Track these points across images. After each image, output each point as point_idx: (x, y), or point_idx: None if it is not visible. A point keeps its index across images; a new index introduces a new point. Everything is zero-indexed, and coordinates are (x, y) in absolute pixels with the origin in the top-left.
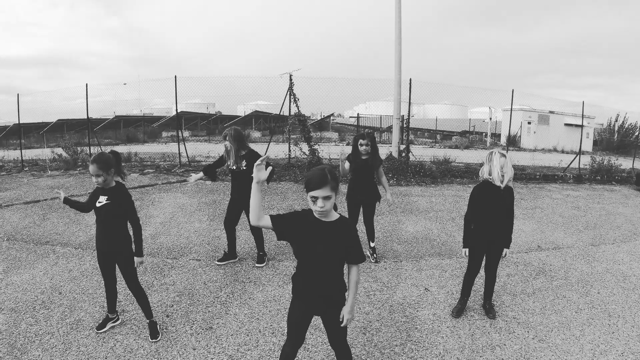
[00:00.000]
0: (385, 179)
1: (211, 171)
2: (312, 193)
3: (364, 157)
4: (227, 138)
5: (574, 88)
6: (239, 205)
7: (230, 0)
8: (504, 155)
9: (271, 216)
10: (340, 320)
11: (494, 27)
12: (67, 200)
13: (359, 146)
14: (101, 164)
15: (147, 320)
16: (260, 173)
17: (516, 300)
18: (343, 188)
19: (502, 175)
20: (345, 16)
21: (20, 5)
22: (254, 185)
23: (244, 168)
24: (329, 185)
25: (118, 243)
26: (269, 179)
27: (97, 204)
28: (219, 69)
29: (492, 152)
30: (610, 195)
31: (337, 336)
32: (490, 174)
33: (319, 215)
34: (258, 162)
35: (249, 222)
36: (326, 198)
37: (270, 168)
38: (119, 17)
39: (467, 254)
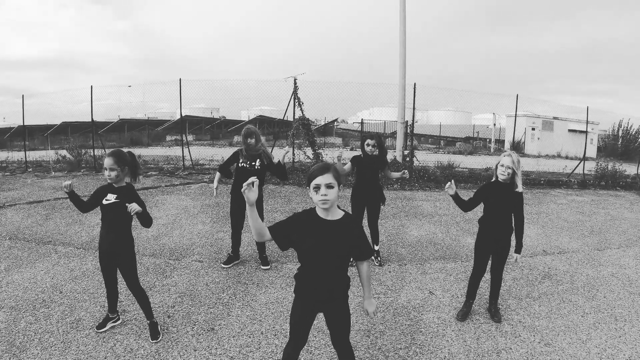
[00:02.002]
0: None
1: (226, 169)
2: (315, 181)
3: (370, 160)
4: (253, 136)
5: (580, 94)
6: (242, 204)
7: (234, 2)
8: (510, 156)
9: (269, 228)
10: (367, 313)
11: (501, 32)
12: (72, 194)
13: (366, 146)
14: (117, 157)
15: (148, 321)
16: (251, 194)
17: (522, 304)
18: (347, 192)
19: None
20: (347, 19)
21: (28, 6)
22: (248, 208)
23: (258, 167)
24: (330, 172)
25: (121, 243)
26: (283, 177)
27: (105, 202)
28: (223, 70)
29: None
30: (615, 201)
31: (340, 335)
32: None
33: (322, 205)
34: (247, 183)
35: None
36: (329, 186)
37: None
38: (127, 19)
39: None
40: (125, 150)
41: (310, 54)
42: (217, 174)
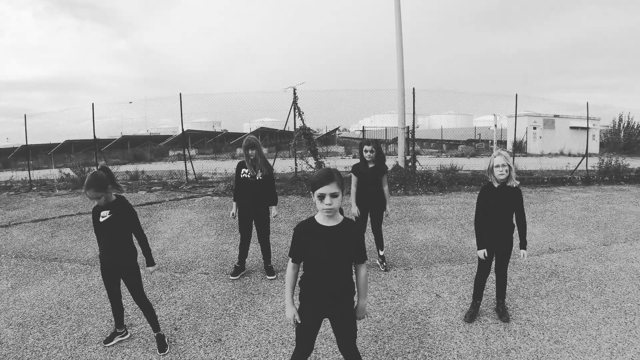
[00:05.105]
0: (387, 189)
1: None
2: (320, 190)
3: (370, 166)
4: (255, 147)
5: (579, 90)
6: (249, 217)
7: (232, 17)
8: (500, 154)
9: (293, 262)
10: (356, 316)
11: (496, 32)
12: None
13: (364, 152)
14: (97, 186)
15: (155, 334)
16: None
17: (529, 302)
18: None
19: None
20: (346, 27)
21: (28, 29)
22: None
23: (261, 178)
24: (335, 181)
25: (123, 256)
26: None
27: (100, 219)
28: (223, 85)
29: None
30: (619, 195)
31: (347, 340)
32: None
33: (326, 214)
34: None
35: (258, 236)
36: (333, 195)
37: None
38: (126, 39)
39: (485, 255)
40: (98, 167)
41: (308, 63)
42: (234, 204)
